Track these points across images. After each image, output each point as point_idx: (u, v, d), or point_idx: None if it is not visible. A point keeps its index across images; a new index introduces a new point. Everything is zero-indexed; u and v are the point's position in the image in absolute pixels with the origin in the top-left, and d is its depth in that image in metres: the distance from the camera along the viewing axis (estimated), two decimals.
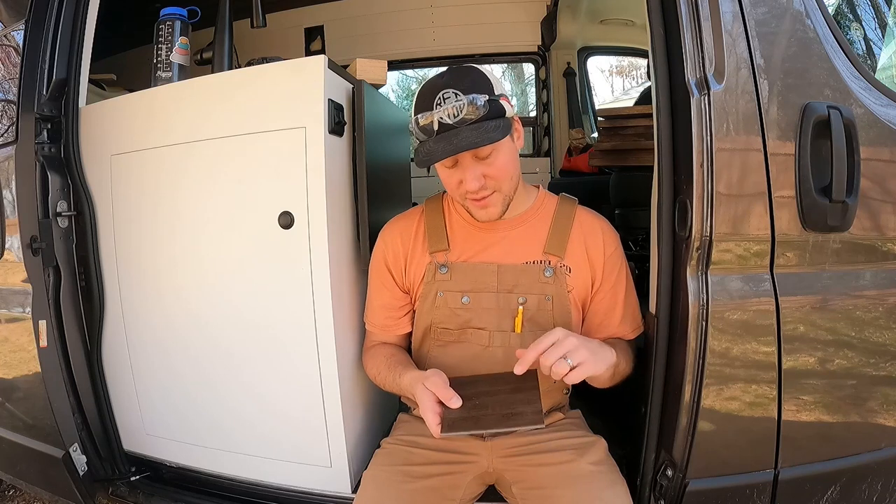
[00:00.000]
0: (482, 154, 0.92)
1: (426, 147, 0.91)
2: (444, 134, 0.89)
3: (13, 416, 1.37)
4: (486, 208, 0.97)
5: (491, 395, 0.91)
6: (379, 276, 1.11)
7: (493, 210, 0.97)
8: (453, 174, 0.96)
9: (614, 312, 1.06)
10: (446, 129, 0.89)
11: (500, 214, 0.99)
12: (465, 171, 0.93)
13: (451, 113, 0.88)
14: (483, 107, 0.88)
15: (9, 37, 1.37)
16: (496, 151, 0.93)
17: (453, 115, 0.88)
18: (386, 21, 2.83)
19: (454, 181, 0.96)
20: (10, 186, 1.25)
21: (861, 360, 0.98)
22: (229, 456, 1.23)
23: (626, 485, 0.95)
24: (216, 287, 1.17)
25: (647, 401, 1.02)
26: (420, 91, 0.94)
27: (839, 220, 0.92)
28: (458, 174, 0.95)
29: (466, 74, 0.92)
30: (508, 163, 0.95)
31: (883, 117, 0.95)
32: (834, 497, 1.01)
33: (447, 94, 0.89)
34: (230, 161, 1.12)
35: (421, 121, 0.91)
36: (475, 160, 0.93)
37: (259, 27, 1.38)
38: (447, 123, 0.89)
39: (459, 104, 0.88)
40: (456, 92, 0.89)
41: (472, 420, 0.86)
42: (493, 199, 0.96)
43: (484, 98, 0.89)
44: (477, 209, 0.98)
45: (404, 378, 1.00)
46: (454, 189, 0.98)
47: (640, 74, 8.62)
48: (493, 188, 0.96)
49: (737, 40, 0.90)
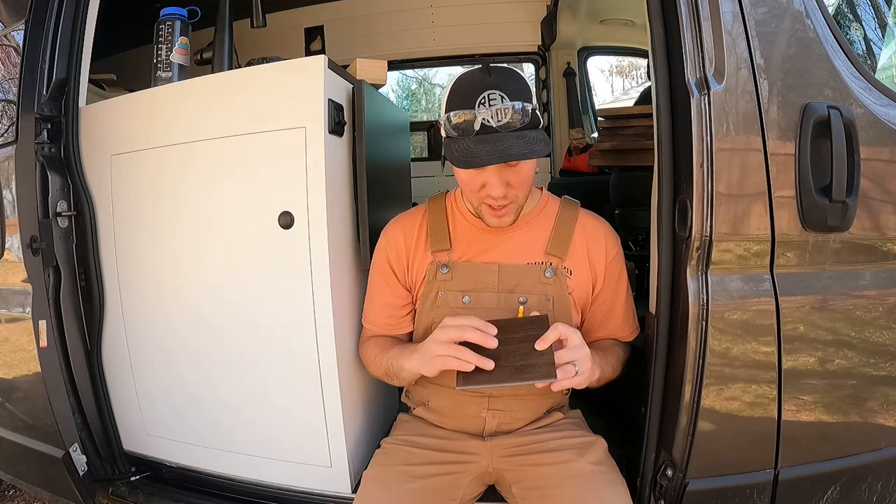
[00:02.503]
0: (512, 162, 0.90)
1: (464, 145, 0.87)
2: (487, 136, 0.86)
3: (13, 416, 1.37)
4: (501, 217, 0.97)
5: (503, 343, 0.88)
6: (381, 275, 1.10)
7: (507, 219, 0.98)
8: (478, 176, 0.93)
9: (613, 316, 1.06)
10: (488, 132, 0.86)
11: (512, 222, 0.99)
12: (492, 176, 0.91)
13: (497, 117, 0.85)
14: (528, 114, 0.87)
15: (9, 37, 1.37)
16: (525, 161, 0.91)
17: (498, 119, 0.85)
18: (386, 21, 2.82)
19: (477, 183, 0.94)
20: (10, 186, 1.25)
21: (861, 360, 0.98)
22: (229, 456, 1.23)
23: (625, 485, 0.95)
24: (215, 287, 1.17)
25: (647, 401, 1.02)
26: (458, 85, 0.90)
27: (839, 220, 0.92)
28: (482, 177, 0.92)
29: (513, 78, 0.88)
30: (531, 173, 0.95)
31: (883, 117, 0.95)
32: (834, 497, 1.01)
33: (493, 95, 0.85)
34: (230, 161, 1.12)
35: (459, 117, 0.87)
36: (503, 166, 0.91)
37: (259, 27, 1.38)
38: (490, 126, 0.85)
39: (506, 108, 0.85)
40: (503, 95, 0.85)
41: (487, 373, 0.85)
42: (510, 209, 0.96)
43: (530, 107, 0.87)
44: (491, 216, 0.97)
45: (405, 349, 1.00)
46: (474, 192, 0.95)
47: (640, 74, 8.63)
48: (512, 198, 0.95)
49: (737, 40, 0.90)
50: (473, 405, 1.05)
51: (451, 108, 0.89)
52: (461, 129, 0.87)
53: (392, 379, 1.06)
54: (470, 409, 1.05)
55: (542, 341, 0.85)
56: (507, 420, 1.05)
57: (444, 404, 1.07)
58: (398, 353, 1.02)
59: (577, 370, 0.86)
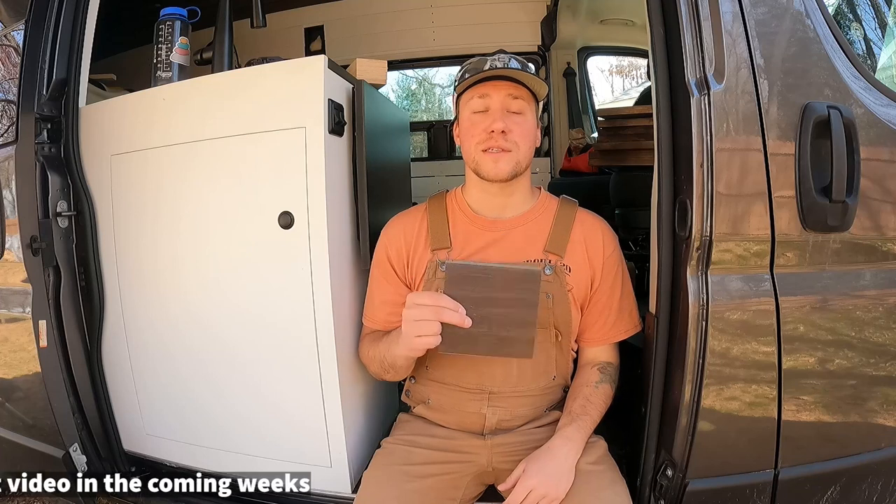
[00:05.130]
0: (514, 107, 1.00)
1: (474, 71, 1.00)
2: (495, 71, 0.98)
3: (13, 416, 1.37)
4: (498, 162, 0.99)
5: (492, 303, 0.85)
6: (382, 272, 1.11)
7: (504, 167, 0.99)
8: (483, 119, 1.00)
9: (610, 312, 1.06)
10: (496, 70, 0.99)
11: (508, 176, 1.00)
12: (495, 112, 0.99)
13: (504, 62, 0.99)
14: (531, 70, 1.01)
15: (9, 37, 1.38)
16: (525, 114, 1.01)
17: (505, 63, 0.99)
18: (386, 21, 2.82)
19: (480, 127, 1.00)
20: (10, 186, 1.25)
21: (861, 360, 0.98)
22: (229, 456, 1.23)
23: (625, 484, 0.96)
24: (215, 287, 1.17)
25: (647, 401, 1.02)
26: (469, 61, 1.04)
27: (839, 220, 0.92)
28: (487, 120, 0.99)
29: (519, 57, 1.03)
30: (531, 130, 1.02)
31: (883, 117, 0.95)
32: (834, 497, 1.01)
33: (502, 56, 1.00)
34: (230, 161, 1.12)
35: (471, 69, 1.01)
36: (506, 112, 1.00)
37: (259, 27, 1.38)
38: (498, 66, 0.98)
39: (512, 62, 0.99)
40: (510, 56, 1.00)
41: (472, 339, 0.85)
42: (507, 157, 0.99)
43: (533, 67, 1.02)
44: (489, 161, 1.00)
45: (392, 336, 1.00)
46: (477, 136, 1.00)
47: (640, 74, 8.62)
48: (512, 146, 0.99)
49: (737, 40, 0.90)
50: (474, 402, 1.05)
51: (464, 69, 1.04)
52: (472, 72, 1.00)
53: (388, 371, 1.05)
54: (470, 406, 1.05)
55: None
56: (508, 417, 1.05)
57: (445, 402, 1.08)
58: (387, 342, 1.02)
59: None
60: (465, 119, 1.03)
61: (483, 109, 1.00)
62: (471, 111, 1.02)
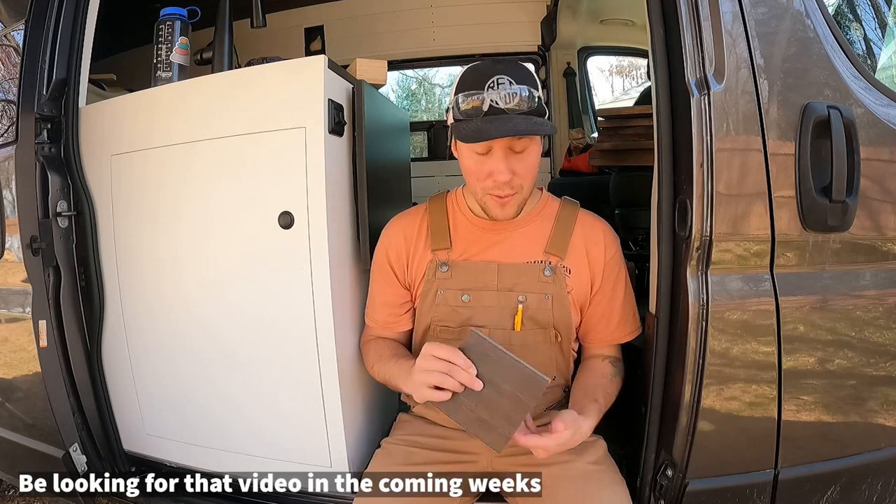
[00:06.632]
0: (518, 147, 0.92)
1: (473, 125, 0.90)
2: (495, 116, 0.89)
3: (13, 416, 1.37)
4: (505, 207, 0.97)
5: (491, 386, 0.86)
6: (381, 273, 1.11)
7: (510, 210, 0.98)
8: (485, 162, 0.94)
9: (612, 315, 1.06)
10: (497, 113, 0.89)
11: (515, 215, 0.99)
12: (499, 161, 0.92)
13: (505, 98, 0.89)
14: (535, 100, 0.90)
15: (9, 37, 1.37)
16: (530, 148, 0.94)
17: (506, 100, 0.89)
18: (386, 21, 2.82)
19: (484, 170, 0.94)
20: (10, 186, 1.25)
21: (861, 360, 0.98)
22: (229, 456, 1.23)
23: (625, 485, 0.96)
24: (215, 287, 1.17)
25: (647, 401, 1.02)
26: (466, 74, 0.94)
27: (839, 220, 0.92)
28: (490, 163, 0.93)
29: (520, 67, 0.93)
30: (536, 163, 0.97)
31: (883, 117, 0.95)
32: (834, 497, 1.01)
33: (501, 79, 0.89)
34: (230, 161, 1.12)
35: (468, 101, 0.91)
36: (510, 152, 0.92)
37: (259, 27, 1.38)
38: (499, 107, 0.89)
39: (514, 93, 0.89)
40: (510, 80, 0.89)
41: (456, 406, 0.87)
42: (514, 200, 0.97)
43: (537, 93, 0.91)
44: (495, 206, 0.97)
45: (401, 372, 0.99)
46: (481, 179, 0.95)
47: (640, 74, 8.63)
48: (517, 188, 0.95)
49: (737, 40, 0.90)
50: None
51: (460, 91, 0.93)
52: (470, 112, 0.91)
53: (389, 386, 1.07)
54: None
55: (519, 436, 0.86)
56: None
57: None
58: (395, 372, 1.02)
59: None
60: (466, 157, 0.96)
61: (485, 151, 0.93)
62: (472, 150, 0.94)
